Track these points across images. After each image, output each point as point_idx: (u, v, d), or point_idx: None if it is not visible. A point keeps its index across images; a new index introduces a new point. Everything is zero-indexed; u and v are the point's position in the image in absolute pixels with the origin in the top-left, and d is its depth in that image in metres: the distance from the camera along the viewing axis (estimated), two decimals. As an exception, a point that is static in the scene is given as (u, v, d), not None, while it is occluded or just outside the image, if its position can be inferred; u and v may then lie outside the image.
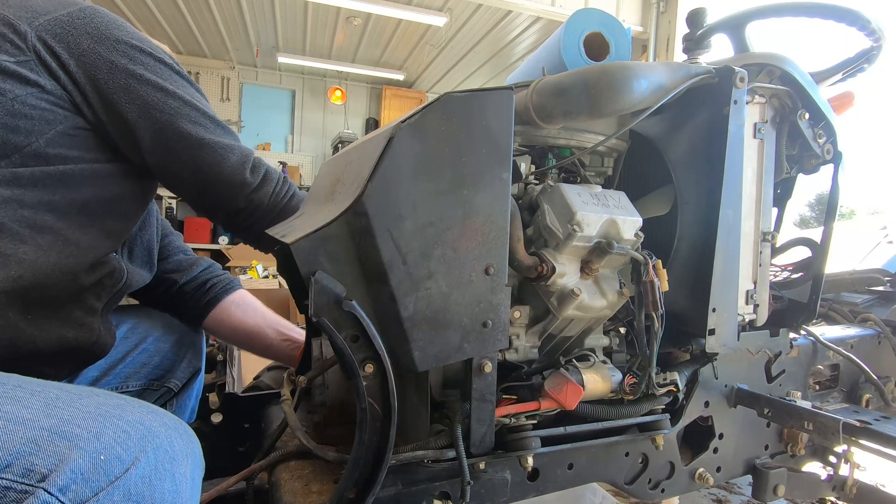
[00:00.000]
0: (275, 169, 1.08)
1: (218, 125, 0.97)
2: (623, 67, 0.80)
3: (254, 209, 1.04)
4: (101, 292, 0.96)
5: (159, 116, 0.89)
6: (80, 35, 0.84)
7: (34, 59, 0.81)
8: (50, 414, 0.54)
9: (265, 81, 7.80)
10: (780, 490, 1.08)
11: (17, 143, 0.79)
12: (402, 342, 0.72)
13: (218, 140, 0.96)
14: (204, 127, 0.94)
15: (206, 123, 0.95)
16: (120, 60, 0.87)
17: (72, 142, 0.85)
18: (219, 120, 0.98)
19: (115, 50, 0.86)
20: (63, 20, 0.84)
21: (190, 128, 0.92)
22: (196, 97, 0.95)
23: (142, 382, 1.24)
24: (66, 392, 0.59)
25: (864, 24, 1.02)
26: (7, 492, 0.48)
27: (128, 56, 0.87)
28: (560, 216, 0.83)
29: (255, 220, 1.06)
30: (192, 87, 0.96)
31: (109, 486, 0.51)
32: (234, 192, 1.00)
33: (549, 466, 0.89)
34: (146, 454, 0.55)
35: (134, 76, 0.87)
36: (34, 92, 0.81)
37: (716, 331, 0.97)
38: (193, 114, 0.93)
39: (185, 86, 0.94)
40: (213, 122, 0.96)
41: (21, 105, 0.79)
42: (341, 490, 0.72)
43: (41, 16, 0.83)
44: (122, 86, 0.86)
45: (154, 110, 0.89)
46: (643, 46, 4.85)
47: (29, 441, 0.50)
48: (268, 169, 1.05)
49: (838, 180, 1.11)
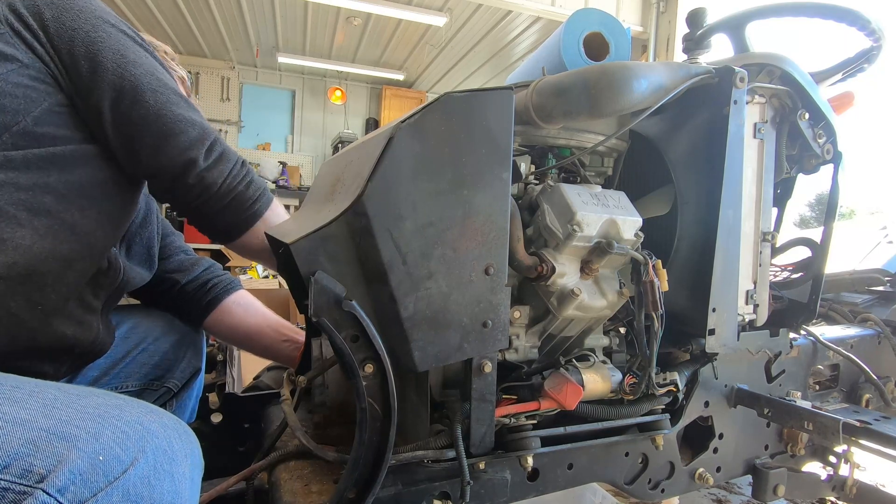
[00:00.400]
0: (234, 152, 1.03)
1: (180, 98, 0.94)
2: (623, 67, 0.80)
3: (203, 189, 0.98)
4: (99, 290, 0.95)
5: (119, 83, 0.87)
6: (44, 4, 0.84)
7: (8, 32, 0.80)
8: (48, 414, 0.53)
9: (265, 81, 7.79)
10: (780, 490, 1.08)
11: (5, 123, 0.78)
12: (402, 342, 0.72)
13: (177, 112, 0.93)
14: (164, 96, 0.91)
15: (166, 93, 0.92)
16: (82, 27, 0.85)
17: (59, 119, 0.84)
18: (182, 94, 0.96)
19: (77, 18, 0.86)
20: None
21: (148, 94, 0.89)
22: (158, 70, 0.93)
23: (141, 382, 1.24)
24: (64, 392, 0.58)
25: (864, 24, 1.02)
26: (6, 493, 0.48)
27: (90, 24, 0.86)
28: (560, 216, 0.83)
29: (205, 203, 1.01)
30: (156, 61, 0.94)
31: (108, 486, 0.51)
32: (185, 169, 0.95)
33: (549, 466, 0.89)
34: (145, 454, 0.55)
35: (94, 43, 0.86)
36: (14, 68, 0.80)
37: (716, 331, 0.97)
38: (154, 83, 0.90)
39: (146, 58, 0.92)
40: (174, 94, 0.93)
41: (3, 83, 0.79)
42: (341, 490, 0.72)
43: None
44: (83, 53, 0.85)
45: (114, 76, 0.87)
46: (643, 46, 4.85)
47: (27, 442, 0.50)
48: (225, 151, 1.00)
49: (838, 180, 1.11)
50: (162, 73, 0.93)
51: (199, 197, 0.99)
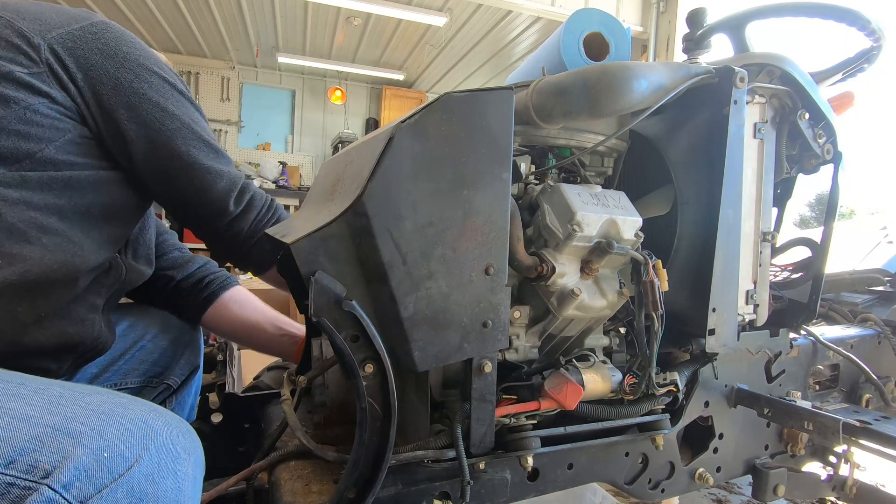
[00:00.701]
0: (262, 195, 1.11)
1: (211, 149, 1.00)
2: (623, 67, 0.80)
3: (233, 236, 1.07)
4: (102, 290, 0.97)
5: (155, 136, 0.92)
6: (89, 50, 0.88)
7: (46, 71, 0.84)
8: (53, 411, 0.54)
9: (265, 81, 7.80)
10: (780, 490, 1.08)
11: (29, 150, 0.82)
12: (402, 342, 0.72)
13: (208, 165, 0.99)
14: (197, 149, 0.97)
15: (199, 147, 0.97)
16: (125, 77, 0.90)
17: (79, 149, 0.88)
18: (214, 144, 1.01)
19: (121, 66, 0.90)
20: (75, 34, 0.87)
21: (183, 149, 0.95)
22: (195, 119, 0.98)
23: (140, 379, 1.24)
24: (69, 390, 0.59)
25: (864, 24, 1.02)
26: (11, 488, 0.48)
27: (133, 73, 0.90)
28: (560, 216, 0.83)
29: (233, 246, 1.10)
30: (193, 107, 0.99)
31: (113, 483, 0.52)
32: (216, 219, 1.04)
33: (549, 466, 0.89)
34: (149, 452, 0.56)
35: (136, 94, 0.91)
36: (45, 102, 0.84)
37: (716, 331, 0.97)
38: (189, 136, 0.96)
39: (185, 106, 0.97)
40: (206, 146, 0.99)
41: (32, 114, 0.82)
42: (341, 490, 0.72)
43: (54, 29, 0.86)
44: (124, 103, 0.89)
45: (151, 129, 0.92)
46: (643, 46, 4.85)
47: (33, 438, 0.51)
48: (253, 196, 1.08)
49: (838, 180, 1.11)
50: (198, 122, 0.98)
51: (231, 241, 1.08)
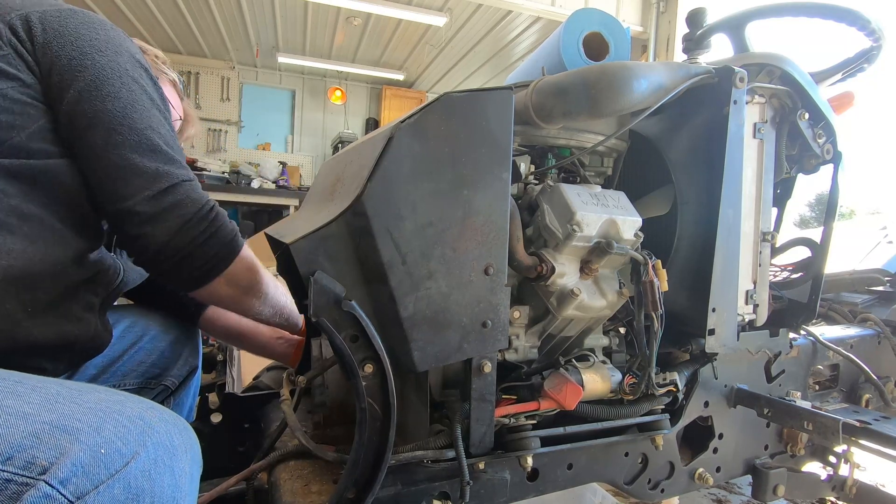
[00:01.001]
0: (197, 201, 0.89)
1: (140, 139, 0.86)
2: (623, 67, 0.80)
3: (149, 244, 0.87)
4: (98, 288, 0.96)
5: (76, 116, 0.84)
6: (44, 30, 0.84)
7: (11, 53, 0.81)
8: (51, 408, 0.54)
9: (265, 81, 7.79)
10: (780, 490, 1.08)
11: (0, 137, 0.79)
12: (402, 342, 0.72)
13: (126, 156, 0.85)
14: (111, 139, 0.84)
15: (121, 132, 0.84)
16: (68, 54, 0.84)
17: (53, 136, 0.85)
18: (148, 134, 0.87)
19: (70, 45, 0.84)
20: (37, 13, 0.84)
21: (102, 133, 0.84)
22: (134, 104, 0.87)
23: (139, 380, 1.24)
24: (66, 388, 0.59)
25: (864, 24, 1.02)
26: (8, 484, 0.48)
27: (79, 51, 0.85)
28: (560, 216, 0.83)
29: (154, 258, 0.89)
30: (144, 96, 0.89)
31: (110, 479, 0.52)
32: (122, 217, 0.86)
33: (549, 466, 0.89)
34: (146, 448, 0.56)
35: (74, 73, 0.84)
36: (15, 86, 0.81)
37: (715, 331, 0.97)
38: (113, 121, 0.84)
39: (129, 93, 0.86)
40: (132, 133, 0.85)
41: (2, 99, 0.80)
42: (341, 490, 0.72)
43: (16, 10, 0.84)
44: (58, 82, 0.84)
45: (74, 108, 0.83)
46: (643, 46, 4.84)
47: (30, 434, 0.51)
48: (180, 201, 0.87)
49: (838, 180, 1.11)
50: (138, 110, 0.86)
51: (142, 253, 0.89)
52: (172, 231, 0.87)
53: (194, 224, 0.88)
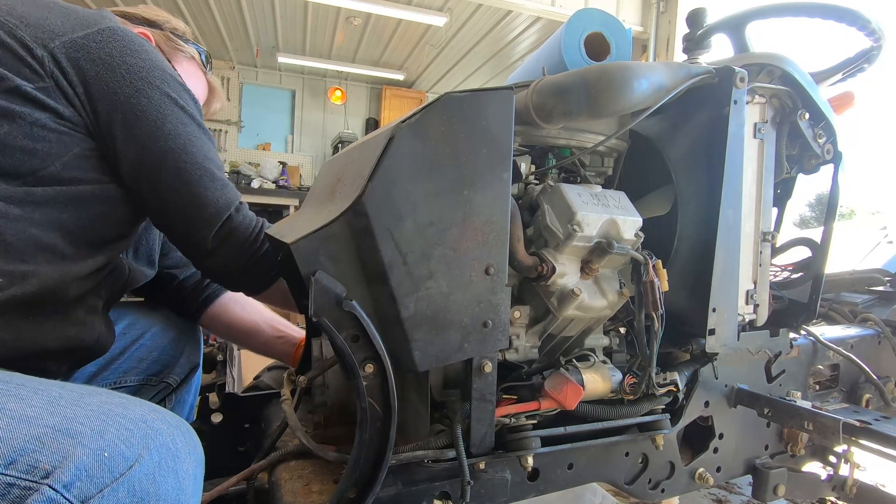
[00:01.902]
0: (247, 228, 0.99)
1: (206, 175, 0.93)
2: (623, 67, 0.80)
3: (209, 269, 1.03)
4: (102, 290, 0.96)
5: (145, 156, 0.88)
6: (90, 61, 0.83)
7: (52, 86, 0.81)
8: (53, 412, 0.54)
9: (265, 81, 7.79)
10: (780, 490, 1.08)
11: (33, 167, 0.80)
12: (403, 342, 0.72)
13: (195, 192, 0.92)
14: (187, 175, 0.90)
15: (190, 172, 0.91)
16: (124, 91, 0.85)
17: (87, 164, 0.86)
18: (206, 166, 0.93)
19: (122, 80, 0.85)
20: (78, 43, 0.83)
21: (171, 172, 0.89)
22: (192, 140, 0.91)
23: (140, 378, 1.24)
24: (68, 391, 0.59)
25: (864, 24, 1.02)
26: (11, 488, 0.48)
27: (133, 87, 0.86)
28: (560, 216, 0.83)
29: (214, 276, 1.07)
30: (195, 126, 0.93)
31: (114, 482, 0.52)
32: (192, 251, 0.99)
33: (549, 466, 0.89)
34: (149, 451, 0.56)
35: (133, 110, 0.86)
36: (51, 117, 0.81)
37: (716, 331, 0.97)
38: (181, 159, 0.90)
39: (185, 125, 0.91)
40: (199, 171, 0.92)
41: (39, 129, 0.80)
42: (341, 490, 0.72)
43: (57, 37, 0.82)
44: (120, 119, 0.85)
45: (142, 148, 0.87)
46: (643, 46, 4.84)
47: (33, 438, 0.51)
48: (237, 227, 0.97)
49: (838, 180, 1.11)
50: (195, 144, 0.92)
51: (210, 273, 1.04)
52: (230, 256, 0.98)
53: (248, 246, 0.99)
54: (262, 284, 1.06)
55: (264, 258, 1.01)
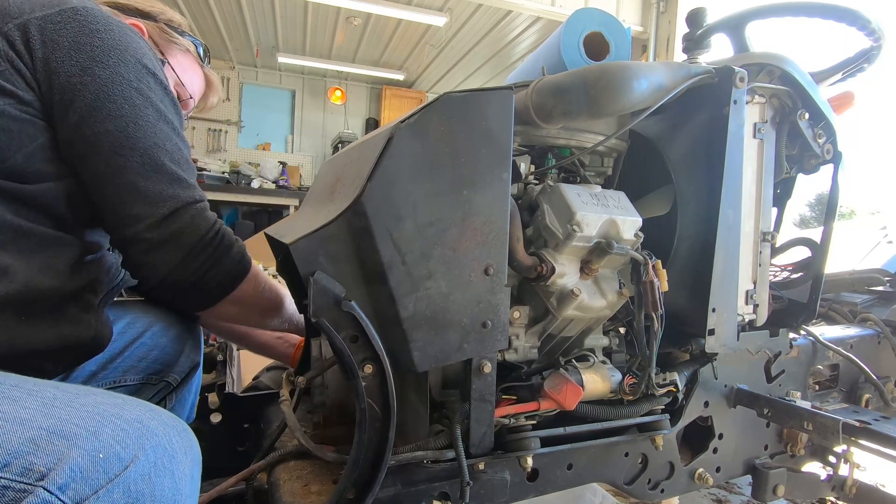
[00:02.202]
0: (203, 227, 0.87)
1: (144, 160, 0.83)
2: (623, 67, 0.80)
3: (152, 275, 0.88)
4: (97, 288, 0.94)
5: (76, 139, 0.80)
6: (43, 42, 0.78)
7: (9, 69, 0.76)
8: (48, 413, 0.54)
9: (265, 81, 7.79)
10: (780, 490, 1.08)
11: None
12: (402, 342, 0.72)
13: (130, 181, 0.82)
14: (112, 163, 0.81)
15: (123, 154, 0.81)
16: (66, 69, 0.79)
17: (52, 155, 0.81)
18: (153, 154, 0.83)
19: (68, 59, 0.79)
20: (33, 23, 0.78)
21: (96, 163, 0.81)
22: (137, 121, 0.82)
23: (140, 377, 1.23)
24: (63, 391, 0.59)
25: (864, 24, 1.02)
26: (5, 491, 0.48)
27: (80, 67, 0.79)
28: (560, 216, 0.83)
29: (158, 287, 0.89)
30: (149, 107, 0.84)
31: (109, 483, 0.51)
32: (126, 243, 0.86)
33: (549, 467, 0.89)
34: (145, 452, 0.55)
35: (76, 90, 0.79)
36: (12, 103, 0.76)
37: (715, 331, 0.97)
38: (115, 143, 0.81)
39: (130, 109, 0.82)
40: (134, 155, 0.82)
41: (1, 117, 0.75)
42: (341, 490, 0.72)
43: (13, 19, 0.78)
44: (60, 101, 0.79)
45: (73, 130, 0.80)
46: (643, 46, 4.84)
47: (27, 440, 0.50)
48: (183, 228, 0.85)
49: (838, 180, 1.11)
50: (143, 128, 0.82)
51: (145, 282, 0.90)
52: (175, 262, 0.86)
53: (197, 253, 0.87)
54: (205, 302, 0.95)
55: (211, 274, 0.90)
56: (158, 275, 0.87)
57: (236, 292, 0.95)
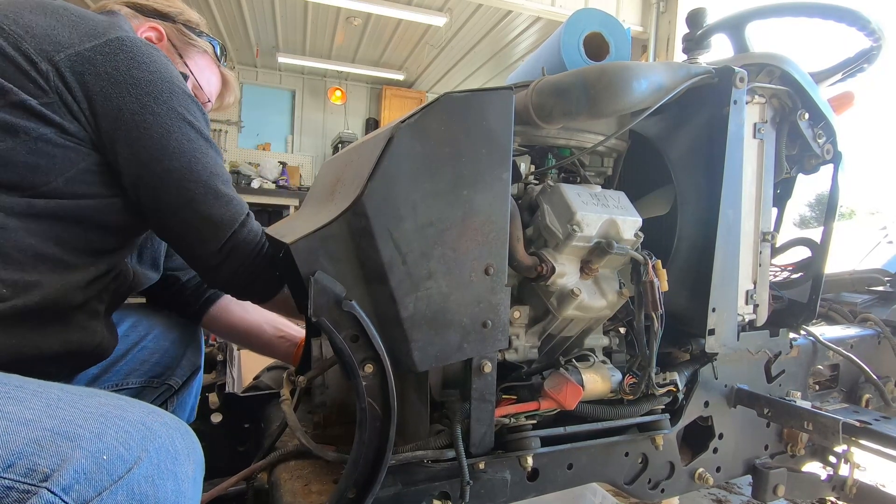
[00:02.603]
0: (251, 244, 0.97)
1: (210, 192, 0.90)
2: (623, 67, 0.80)
3: (216, 280, 1.00)
4: (105, 295, 0.96)
5: (146, 174, 0.86)
6: (96, 75, 0.81)
7: (57, 101, 0.79)
8: (52, 415, 0.54)
9: (265, 81, 7.79)
10: (780, 490, 1.08)
11: (35, 182, 0.79)
12: (402, 342, 0.72)
13: (198, 210, 0.89)
14: (182, 196, 0.88)
15: (189, 188, 0.88)
16: (129, 107, 0.83)
17: (91, 178, 0.84)
18: (211, 184, 0.90)
19: (127, 95, 0.82)
20: (84, 56, 0.81)
21: (172, 191, 0.87)
22: (198, 157, 0.89)
23: (142, 380, 1.24)
24: (67, 393, 0.59)
25: (864, 24, 1.02)
26: (9, 491, 0.48)
27: (139, 103, 0.83)
28: (560, 216, 0.83)
29: (224, 288, 1.07)
30: (202, 140, 0.90)
31: (112, 485, 0.52)
32: (196, 266, 1.00)
33: (549, 466, 0.89)
34: (148, 454, 0.56)
35: (137, 127, 0.83)
36: (55, 132, 0.79)
37: (715, 331, 0.97)
38: (184, 178, 0.87)
39: (191, 141, 0.88)
40: (199, 187, 0.89)
41: (44, 144, 0.78)
42: (341, 490, 0.72)
43: (63, 50, 0.80)
44: (124, 137, 0.83)
45: (144, 166, 0.85)
46: (643, 46, 4.85)
47: (31, 441, 0.51)
48: (241, 244, 0.95)
49: (838, 180, 1.11)
50: (200, 161, 0.89)
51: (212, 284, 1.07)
52: (235, 270, 0.96)
53: (251, 261, 0.97)
54: (268, 293, 1.06)
55: (270, 268, 1.00)
56: (222, 280, 0.99)
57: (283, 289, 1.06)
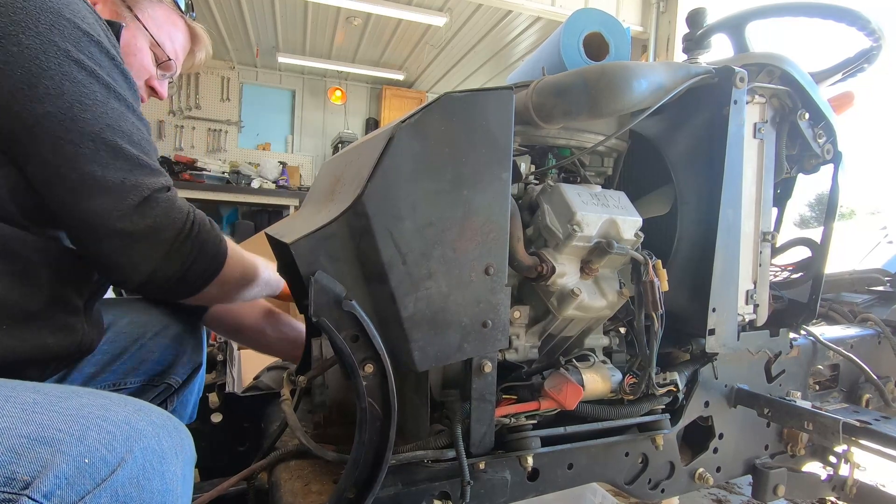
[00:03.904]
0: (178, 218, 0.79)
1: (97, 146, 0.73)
2: (623, 67, 0.80)
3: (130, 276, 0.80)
4: (84, 288, 0.88)
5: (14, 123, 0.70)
6: None
7: None
8: (28, 420, 0.52)
9: (265, 81, 7.79)
10: (780, 490, 1.08)
11: None
12: (402, 342, 0.72)
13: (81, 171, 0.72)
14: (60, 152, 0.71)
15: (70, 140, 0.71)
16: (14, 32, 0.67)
17: None
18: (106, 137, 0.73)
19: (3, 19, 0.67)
20: None
21: (40, 151, 0.71)
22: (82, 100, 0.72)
23: (141, 379, 1.21)
24: (43, 395, 0.56)
25: (864, 24, 1.02)
26: None
27: (4, 33, 0.68)
28: (560, 216, 0.83)
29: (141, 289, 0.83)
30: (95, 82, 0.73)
31: (95, 489, 0.50)
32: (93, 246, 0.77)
33: (549, 466, 0.89)
34: (133, 454, 0.54)
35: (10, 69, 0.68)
36: None
37: (716, 331, 0.97)
38: (58, 128, 0.71)
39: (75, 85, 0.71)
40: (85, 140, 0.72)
41: None
42: (341, 490, 0.72)
43: None
44: None
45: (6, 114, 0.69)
46: (643, 46, 4.84)
47: (8, 450, 0.49)
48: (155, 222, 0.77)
49: (838, 180, 1.11)
50: (91, 108, 0.71)
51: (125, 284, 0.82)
52: (158, 258, 0.78)
53: (178, 247, 0.79)
54: (192, 291, 0.89)
55: (196, 266, 0.84)
56: (141, 273, 0.79)
57: (220, 275, 0.90)
